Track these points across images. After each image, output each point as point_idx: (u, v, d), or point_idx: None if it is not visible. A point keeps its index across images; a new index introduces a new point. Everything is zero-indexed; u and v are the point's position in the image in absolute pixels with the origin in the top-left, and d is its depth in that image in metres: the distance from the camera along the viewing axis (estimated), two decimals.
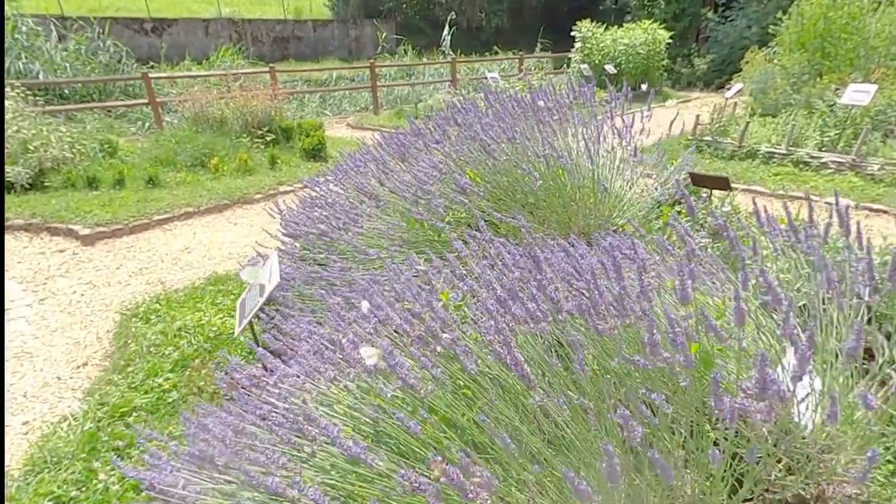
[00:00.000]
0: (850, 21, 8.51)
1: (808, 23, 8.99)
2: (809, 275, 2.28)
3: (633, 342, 1.26)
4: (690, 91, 16.66)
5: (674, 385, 1.12)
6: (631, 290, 1.10)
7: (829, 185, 6.54)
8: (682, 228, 1.52)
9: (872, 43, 8.36)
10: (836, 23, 8.62)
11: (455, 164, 2.65)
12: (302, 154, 9.05)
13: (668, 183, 3.99)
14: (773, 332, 1.86)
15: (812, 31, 8.94)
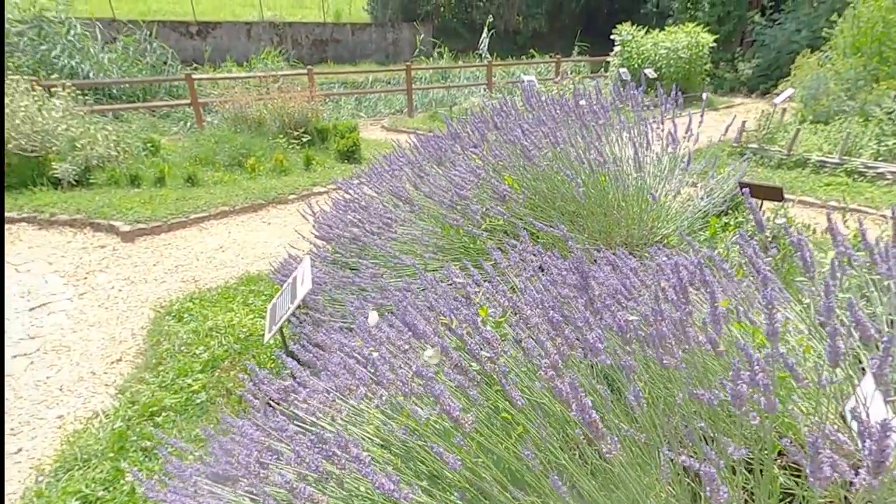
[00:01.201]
0: None
1: (866, 26, 8.52)
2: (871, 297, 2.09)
3: (697, 372, 1.14)
4: (734, 97, 16.09)
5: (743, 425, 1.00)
6: (697, 318, 0.99)
7: (886, 198, 6.17)
8: (752, 249, 1.38)
9: None
10: (895, 26, 8.16)
11: (493, 169, 2.56)
12: (337, 155, 9.10)
13: (714, 192, 3.80)
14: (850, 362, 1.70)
15: (869, 35, 8.47)
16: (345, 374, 1.34)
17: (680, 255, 1.60)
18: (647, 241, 2.80)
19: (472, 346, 1.06)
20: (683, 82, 14.19)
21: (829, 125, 7.98)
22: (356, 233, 2.74)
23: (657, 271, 1.44)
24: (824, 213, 6.01)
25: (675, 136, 2.97)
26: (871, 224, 5.50)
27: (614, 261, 1.53)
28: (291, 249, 4.28)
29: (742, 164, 3.72)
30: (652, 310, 0.99)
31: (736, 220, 3.49)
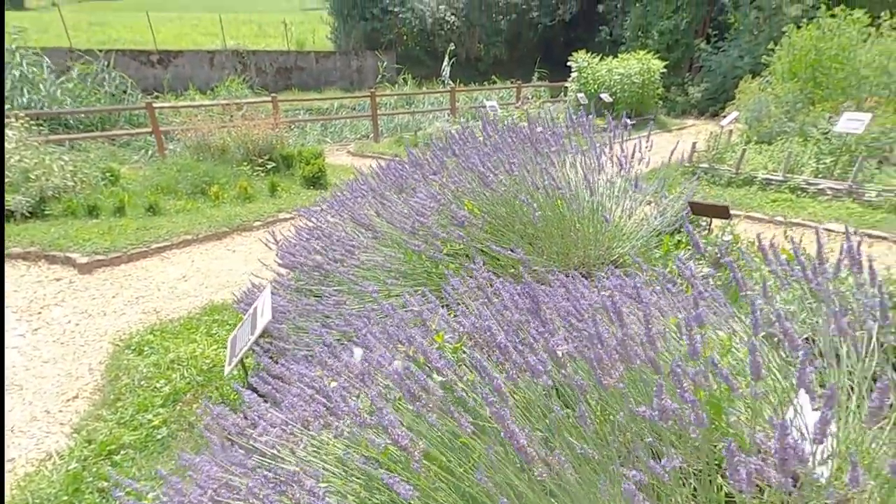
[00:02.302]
0: (840, 52, 8.62)
1: (800, 53, 9.10)
2: (814, 307, 2.21)
3: (639, 388, 1.18)
4: (685, 119, 16.80)
5: (684, 436, 1.04)
6: (636, 337, 1.04)
7: (827, 212, 6.50)
8: (689, 271, 1.45)
9: (863, 73, 8.45)
10: (826, 54, 8.73)
11: (453, 195, 2.61)
12: (302, 181, 9.06)
13: (667, 212, 3.95)
14: (784, 371, 1.78)
15: (803, 62, 9.05)
16: (302, 405, 1.34)
17: (631, 276, 1.67)
18: (603, 261, 2.89)
19: (421, 377, 1.08)
20: (638, 105, 14.77)
21: (772, 145, 8.40)
22: (319, 260, 2.73)
23: (605, 294, 1.50)
24: (772, 227, 6.31)
25: (627, 159, 3.09)
26: (813, 236, 5.78)
27: (566, 283, 1.59)
28: (255, 278, 4.22)
29: (692, 184, 3.88)
30: (587, 335, 1.04)
31: (687, 238, 3.64)
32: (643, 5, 18.62)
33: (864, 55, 8.54)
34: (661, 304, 2.07)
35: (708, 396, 1.26)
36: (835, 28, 8.78)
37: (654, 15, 18.32)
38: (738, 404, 1.27)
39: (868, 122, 6.77)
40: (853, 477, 0.84)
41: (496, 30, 24.63)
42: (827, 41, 8.71)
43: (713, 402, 1.16)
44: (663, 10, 17.92)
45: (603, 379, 1.02)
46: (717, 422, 1.16)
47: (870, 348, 1.90)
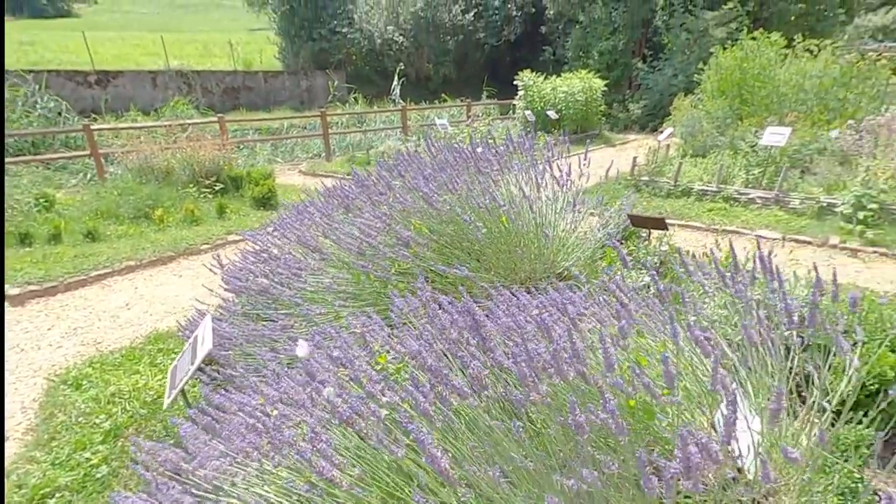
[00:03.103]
0: (761, 71, 9.26)
1: (726, 73, 9.72)
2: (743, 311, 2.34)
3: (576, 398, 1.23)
4: (628, 134, 17.52)
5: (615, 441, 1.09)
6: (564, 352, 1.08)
7: (758, 220, 6.90)
8: (615, 285, 1.52)
9: (783, 90, 9.10)
10: (749, 73, 9.36)
11: (399, 215, 2.63)
12: (252, 202, 8.86)
13: (609, 224, 4.11)
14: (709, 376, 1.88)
15: (730, 80, 9.66)
16: (242, 436, 1.30)
17: (573, 289, 1.72)
18: (549, 274, 2.96)
19: (355, 403, 1.08)
20: (583, 122, 15.31)
21: (706, 158, 8.88)
22: (265, 284, 2.68)
23: (534, 312, 1.55)
24: (710, 235, 6.64)
25: (568, 175, 3.20)
26: (746, 243, 6.12)
27: (509, 299, 1.63)
28: (201, 304, 4.08)
29: (630, 197, 4.05)
30: (512, 352, 1.07)
31: (629, 249, 3.79)
32: (583, 27, 19.42)
33: (782, 74, 9.22)
34: (603, 314, 2.15)
35: (643, 403, 1.32)
36: (756, 49, 9.45)
37: (593, 36, 19.13)
38: (671, 409, 1.33)
39: (789, 136, 7.28)
40: (764, 474, 0.89)
41: (444, 50, 25.05)
42: (749, 61, 9.35)
43: (647, 409, 1.21)
44: (602, 32, 18.75)
45: (531, 394, 1.05)
46: (649, 427, 1.21)
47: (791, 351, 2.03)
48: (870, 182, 6.42)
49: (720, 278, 1.72)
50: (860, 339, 2.22)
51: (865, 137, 7.54)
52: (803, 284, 3.16)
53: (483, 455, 1.12)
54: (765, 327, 1.52)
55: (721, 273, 1.67)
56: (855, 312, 1.67)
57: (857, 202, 6.07)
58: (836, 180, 6.97)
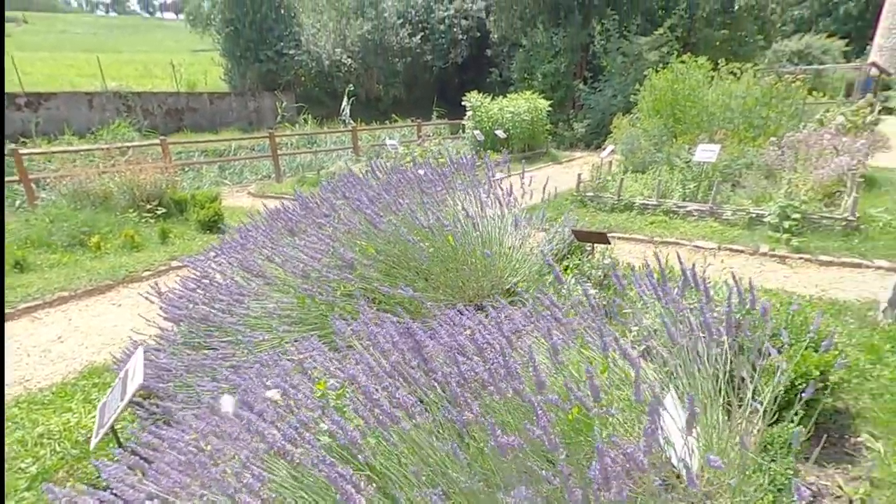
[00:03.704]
0: (691, 92, 9.83)
1: (660, 94, 10.26)
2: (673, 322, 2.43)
3: (514, 415, 1.23)
4: (574, 151, 18.09)
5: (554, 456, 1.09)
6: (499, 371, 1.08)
7: (695, 231, 7.23)
8: (549, 300, 1.55)
9: (711, 109, 9.68)
10: (681, 94, 9.92)
11: (344, 237, 2.59)
12: (198, 226, 8.55)
13: (555, 239, 4.21)
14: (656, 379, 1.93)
15: (663, 101, 10.19)
16: (167, 476, 1.22)
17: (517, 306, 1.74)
18: (498, 290, 2.99)
19: (289, 432, 1.04)
20: (530, 140, 15.73)
21: (645, 174, 9.27)
22: (205, 312, 2.56)
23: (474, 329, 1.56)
24: (651, 246, 6.90)
25: (511, 193, 3.26)
26: (686, 253, 6.39)
27: (453, 317, 1.63)
28: (139, 335, 3.87)
29: (572, 214, 4.16)
30: (444, 373, 1.07)
31: (574, 263, 3.89)
32: (526, 51, 20.08)
33: (710, 95, 9.81)
34: (544, 329, 2.18)
35: (584, 416, 1.34)
36: (685, 72, 10.03)
37: (536, 59, 19.79)
38: (610, 420, 1.36)
39: (718, 152, 7.71)
40: (690, 479, 0.92)
41: (393, 71, 25.27)
42: (680, 83, 9.91)
43: (585, 422, 1.23)
44: (544, 56, 19.44)
45: (464, 413, 1.05)
46: (586, 438, 1.23)
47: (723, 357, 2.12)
48: (792, 194, 6.86)
49: (653, 291, 1.78)
50: (787, 342, 2.35)
51: (787, 153, 8.09)
52: (736, 292, 3.33)
53: (427, 478, 1.10)
54: (694, 337, 1.58)
55: (654, 286, 1.73)
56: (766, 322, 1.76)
57: (781, 213, 6.47)
58: (763, 193, 7.41)
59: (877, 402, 2.95)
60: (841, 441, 2.77)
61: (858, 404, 2.97)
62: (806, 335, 2.87)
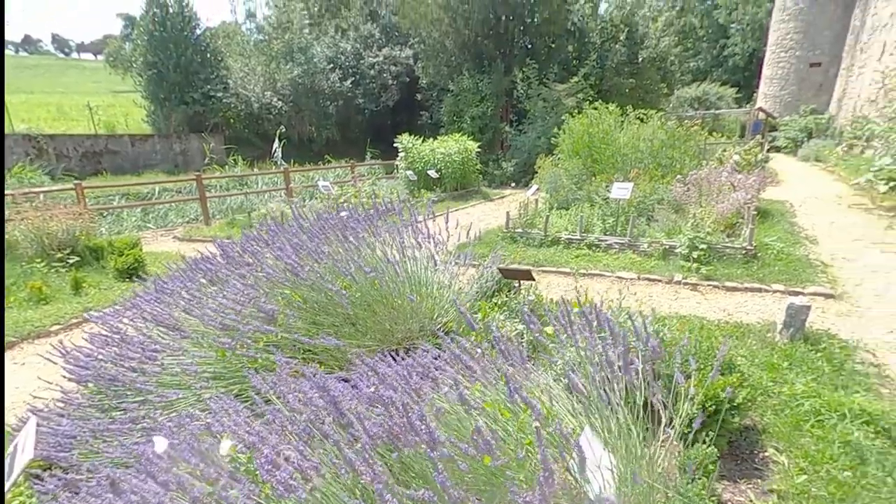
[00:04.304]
0: (605, 135, 10.55)
1: (577, 136, 10.93)
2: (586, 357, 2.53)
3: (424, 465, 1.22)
4: (504, 188, 18.70)
5: None
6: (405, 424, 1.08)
7: (616, 263, 7.60)
8: (459, 349, 1.57)
9: (623, 151, 10.42)
10: (596, 136, 10.62)
11: (267, 286, 2.51)
12: (116, 274, 7.98)
13: (484, 277, 4.28)
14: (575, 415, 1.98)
15: (581, 143, 10.86)
16: None
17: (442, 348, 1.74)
18: (428, 332, 2.98)
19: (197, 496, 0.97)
20: (462, 179, 16.13)
21: (569, 210, 9.72)
22: (113, 373, 2.37)
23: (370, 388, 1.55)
24: (577, 278, 7.17)
25: (433, 235, 3.31)
26: (609, 283, 6.68)
27: (374, 366, 1.60)
28: (41, 398, 3.50)
29: (499, 252, 4.27)
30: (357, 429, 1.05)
31: (502, 300, 3.97)
32: (454, 95, 20.87)
33: (622, 137, 10.57)
34: (475, 367, 2.19)
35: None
36: (598, 117, 10.78)
37: (464, 103, 20.59)
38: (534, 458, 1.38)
39: (632, 189, 8.24)
40: None
41: (325, 114, 25.36)
42: (595, 127, 10.62)
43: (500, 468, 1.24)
44: (471, 100, 20.29)
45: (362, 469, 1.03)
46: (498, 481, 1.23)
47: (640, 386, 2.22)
48: (698, 226, 7.41)
49: (565, 330, 1.85)
50: (694, 368, 2.50)
51: (692, 189, 8.79)
52: (650, 321, 3.51)
53: None
54: (611, 370, 1.65)
55: (565, 325, 1.80)
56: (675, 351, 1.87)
57: (690, 244, 6.95)
58: (674, 226, 7.96)
59: (779, 418, 3.17)
60: (751, 457, 2.93)
61: (764, 420, 3.17)
62: (713, 360, 3.07)
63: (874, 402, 3.20)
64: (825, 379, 3.55)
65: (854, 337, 4.35)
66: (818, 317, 4.91)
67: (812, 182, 14.89)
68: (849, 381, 3.52)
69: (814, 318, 4.80)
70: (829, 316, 4.94)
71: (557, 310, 3.86)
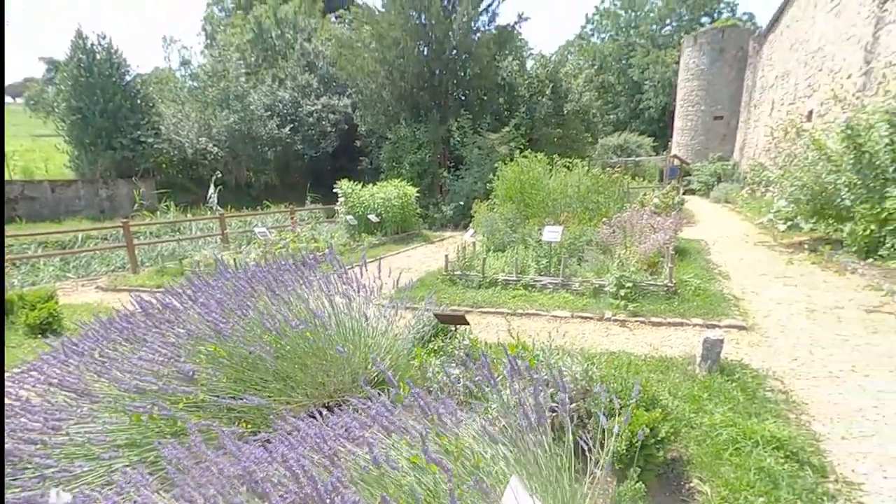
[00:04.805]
0: (535, 181, 11.07)
1: (510, 182, 11.38)
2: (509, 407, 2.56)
3: None
4: (444, 231, 18.94)
5: None
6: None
7: (551, 302, 7.80)
8: (382, 406, 1.55)
9: (553, 196, 10.94)
10: (527, 182, 11.11)
11: (189, 343, 2.37)
12: (27, 331, 7.28)
13: (421, 322, 4.27)
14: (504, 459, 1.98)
15: (514, 188, 11.30)
16: None
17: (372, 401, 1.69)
18: (362, 382, 2.90)
19: None
20: (402, 223, 16.22)
21: (505, 252, 9.97)
22: (9, 445, 2.11)
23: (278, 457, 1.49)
24: (515, 319, 7.27)
25: (360, 284, 3.29)
26: (545, 322, 6.83)
27: (296, 425, 1.54)
28: None
29: (442, 293, 4.29)
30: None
31: (438, 345, 3.96)
32: (393, 143, 21.28)
33: (551, 183, 11.11)
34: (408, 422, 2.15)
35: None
36: (528, 165, 11.32)
37: (402, 150, 21.00)
38: None
39: (562, 232, 8.60)
40: None
41: (263, 159, 25.00)
42: (526, 174, 11.13)
43: None
44: (409, 147, 20.75)
45: None
46: None
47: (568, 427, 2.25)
48: (624, 266, 7.80)
49: (493, 379, 1.87)
50: (618, 407, 2.58)
51: (617, 231, 9.28)
52: (580, 360, 3.61)
53: None
54: (538, 413, 1.68)
55: (489, 378, 1.82)
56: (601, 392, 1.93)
57: (618, 282, 7.28)
58: (603, 265, 8.33)
59: (701, 448, 3.30)
60: (679, 488, 3.02)
61: (689, 451, 3.29)
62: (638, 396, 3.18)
63: (783, 427, 3.41)
64: (740, 408, 3.76)
65: (764, 366, 4.67)
66: (733, 348, 5.23)
67: (723, 222, 16.18)
68: (761, 408, 3.74)
69: (729, 349, 5.11)
70: (743, 346, 5.27)
71: (492, 353, 3.90)
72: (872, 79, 12.63)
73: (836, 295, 7.11)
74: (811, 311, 6.38)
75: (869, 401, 3.94)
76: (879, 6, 12.66)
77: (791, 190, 10.43)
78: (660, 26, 57.10)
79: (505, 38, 21.14)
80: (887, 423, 3.61)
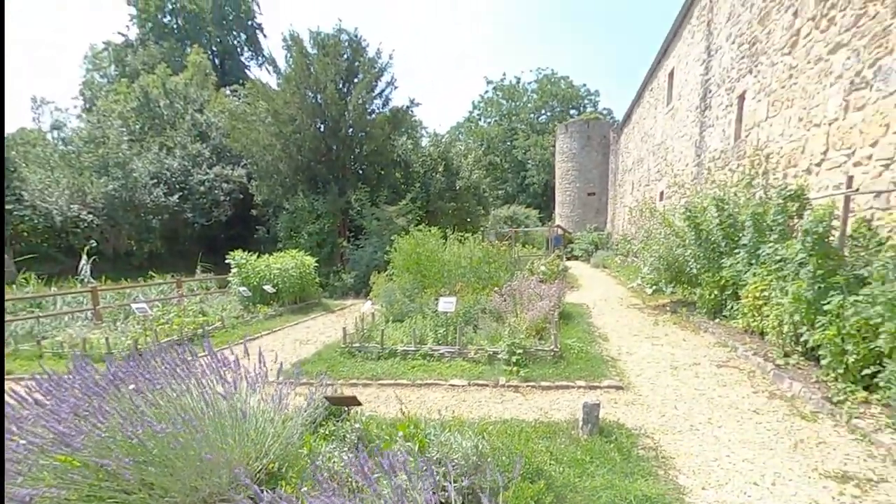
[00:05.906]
0: (431, 254, 11.41)
1: (407, 255, 11.62)
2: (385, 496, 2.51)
3: None
4: (346, 299, 18.44)
5: None
6: None
7: (449, 371, 7.81)
8: None
9: (448, 267, 11.32)
10: (424, 255, 11.42)
11: (34, 454, 2.03)
12: None
13: (312, 405, 4.06)
14: None
15: (410, 260, 11.53)
16: None
17: None
18: (244, 479, 2.66)
19: None
20: (301, 292, 15.59)
21: (404, 322, 9.95)
22: None
23: None
24: (414, 389, 7.15)
25: (237, 366, 3.10)
26: (444, 392, 6.79)
27: None
28: None
29: (324, 375, 4.14)
30: None
31: (330, 429, 3.77)
32: (290, 213, 20.88)
33: (446, 255, 11.52)
34: None
35: None
36: (423, 238, 11.70)
37: (300, 220, 20.65)
38: None
39: (456, 302, 8.83)
40: None
41: (147, 227, 23.11)
42: (422, 246, 11.45)
43: None
44: (307, 217, 20.47)
45: None
46: None
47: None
48: (514, 333, 8.13)
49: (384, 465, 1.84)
50: (501, 485, 2.61)
51: (507, 298, 9.73)
52: (471, 435, 3.63)
53: None
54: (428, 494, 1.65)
55: (367, 476, 1.79)
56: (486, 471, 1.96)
57: (509, 349, 7.54)
58: (496, 333, 8.61)
59: None
60: None
61: None
62: (524, 468, 3.25)
63: (653, 485, 3.65)
64: (617, 468, 3.97)
65: (638, 423, 5.02)
66: (613, 407, 5.57)
67: (601, 286, 17.63)
68: (635, 468, 3.99)
69: (609, 409, 5.44)
70: (620, 406, 5.64)
71: (386, 433, 3.79)
72: (703, 169, 15.05)
73: (694, 352, 7.96)
74: (675, 368, 7.06)
75: (722, 450, 4.38)
76: (701, 113, 15.39)
77: (651, 260, 11.77)
78: (536, 115, 64.22)
79: (399, 119, 22.26)
80: (738, 470, 4.01)
